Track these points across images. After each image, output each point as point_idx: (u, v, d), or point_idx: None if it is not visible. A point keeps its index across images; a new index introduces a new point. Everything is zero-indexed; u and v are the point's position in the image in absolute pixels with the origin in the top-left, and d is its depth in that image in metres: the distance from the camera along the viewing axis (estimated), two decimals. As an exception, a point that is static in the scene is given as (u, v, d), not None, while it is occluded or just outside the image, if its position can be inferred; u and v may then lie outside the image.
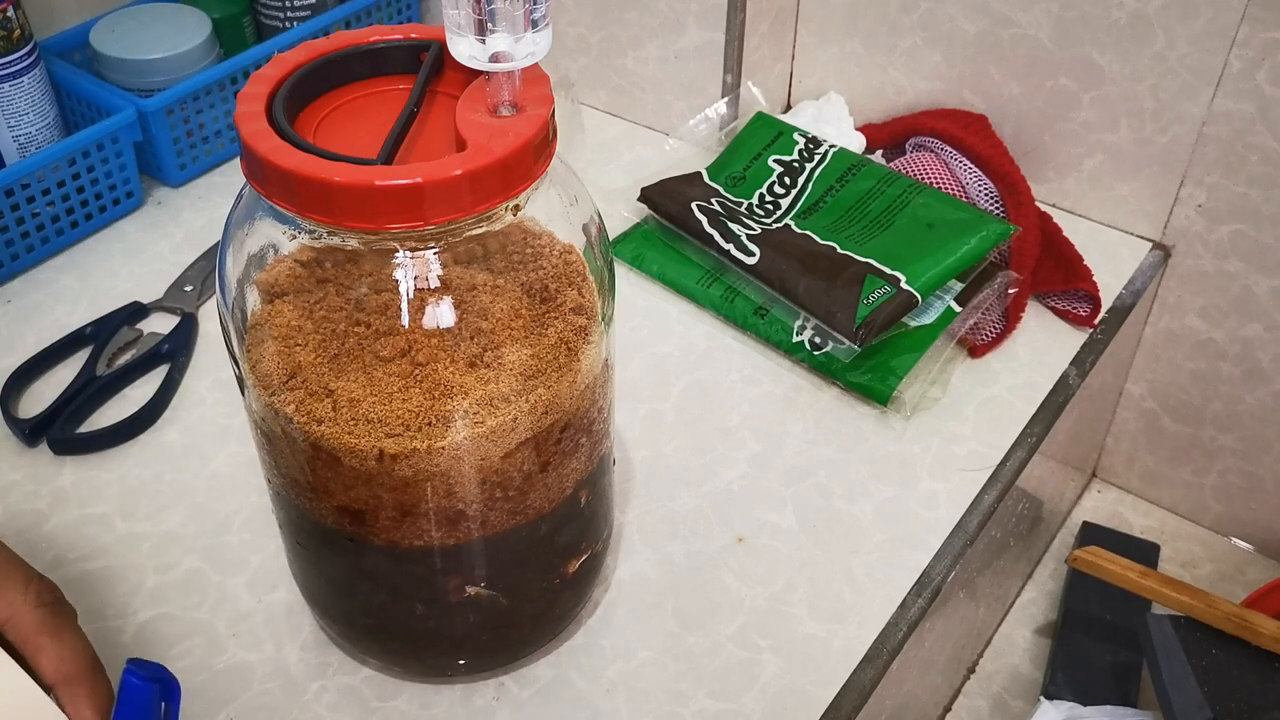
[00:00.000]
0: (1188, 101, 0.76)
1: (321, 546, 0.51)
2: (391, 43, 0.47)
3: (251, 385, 0.46)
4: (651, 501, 0.65)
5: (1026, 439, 0.69)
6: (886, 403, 0.69)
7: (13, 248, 0.79)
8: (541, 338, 0.46)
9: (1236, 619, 0.67)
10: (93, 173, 0.81)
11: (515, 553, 0.51)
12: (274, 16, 0.93)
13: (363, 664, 0.57)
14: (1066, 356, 0.74)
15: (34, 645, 0.42)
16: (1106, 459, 0.94)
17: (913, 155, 0.83)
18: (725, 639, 0.58)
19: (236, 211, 0.46)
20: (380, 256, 0.44)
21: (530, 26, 0.41)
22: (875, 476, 0.66)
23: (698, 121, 0.89)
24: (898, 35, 0.85)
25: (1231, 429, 0.86)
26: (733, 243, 0.75)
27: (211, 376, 0.72)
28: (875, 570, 0.62)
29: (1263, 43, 0.71)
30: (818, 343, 0.71)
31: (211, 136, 0.88)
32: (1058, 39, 0.78)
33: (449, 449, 0.45)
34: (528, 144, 0.41)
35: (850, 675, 0.57)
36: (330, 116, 0.45)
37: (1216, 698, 0.65)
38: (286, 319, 0.45)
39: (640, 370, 0.72)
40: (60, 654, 0.42)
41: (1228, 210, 0.78)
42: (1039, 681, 0.80)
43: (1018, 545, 0.79)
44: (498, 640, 0.55)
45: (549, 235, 0.48)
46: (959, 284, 0.74)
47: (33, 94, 0.80)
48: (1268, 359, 0.81)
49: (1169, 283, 0.83)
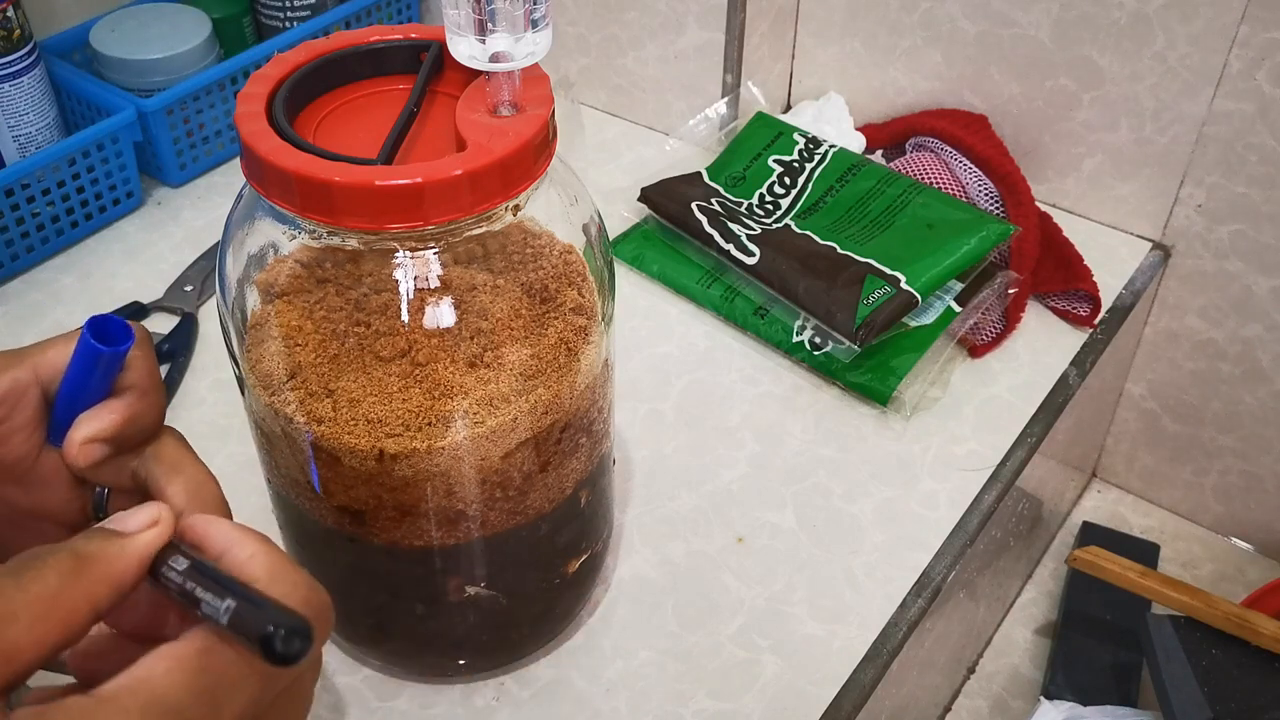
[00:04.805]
0: (1188, 101, 0.76)
1: (321, 546, 0.51)
2: (391, 43, 0.47)
3: (251, 385, 0.46)
4: (651, 501, 0.65)
5: (1026, 439, 0.69)
6: (886, 403, 0.69)
7: (13, 248, 0.79)
8: (541, 338, 0.46)
9: (1236, 619, 0.67)
10: (93, 173, 0.81)
11: (515, 553, 0.51)
12: (274, 16, 0.93)
13: (363, 664, 0.57)
14: (1066, 356, 0.74)
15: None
16: (1106, 459, 0.94)
17: (913, 155, 0.83)
18: (725, 639, 0.58)
19: (236, 211, 0.46)
20: (380, 256, 0.44)
21: (530, 26, 0.41)
22: (875, 476, 0.66)
23: (698, 121, 0.89)
24: (898, 35, 0.85)
25: (1231, 429, 0.86)
26: (733, 243, 0.75)
27: (211, 376, 0.72)
28: (875, 570, 0.62)
29: (1263, 43, 0.71)
30: (818, 343, 0.71)
31: (211, 136, 0.88)
32: (1058, 39, 0.78)
33: (449, 449, 0.45)
34: (528, 144, 0.41)
35: (850, 675, 0.57)
36: (330, 116, 0.45)
37: (1216, 698, 0.65)
38: (286, 319, 0.45)
39: (640, 370, 0.72)
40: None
41: (1228, 210, 0.78)
42: (1039, 681, 0.80)
43: (1018, 545, 0.79)
44: (498, 640, 0.55)
45: (549, 235, 0.48)
46: (959, 284, 0.74)
47: (33, 94, 0.80)
48: (1268, 359, 0.81)
49: (1169, 283, 0.83)
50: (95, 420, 0.38)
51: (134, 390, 0.39)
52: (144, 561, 0.31)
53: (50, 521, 0.42)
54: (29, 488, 0.41)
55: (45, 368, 0.39)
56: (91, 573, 0.30)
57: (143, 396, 0.39)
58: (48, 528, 0.42)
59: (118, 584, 0.31)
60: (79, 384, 0.39)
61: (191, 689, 0.29)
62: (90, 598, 0.30)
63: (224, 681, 0.29)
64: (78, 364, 0.38)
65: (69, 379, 0.39)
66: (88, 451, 0.38)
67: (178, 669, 0.29)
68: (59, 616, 0.29)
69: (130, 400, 0.39)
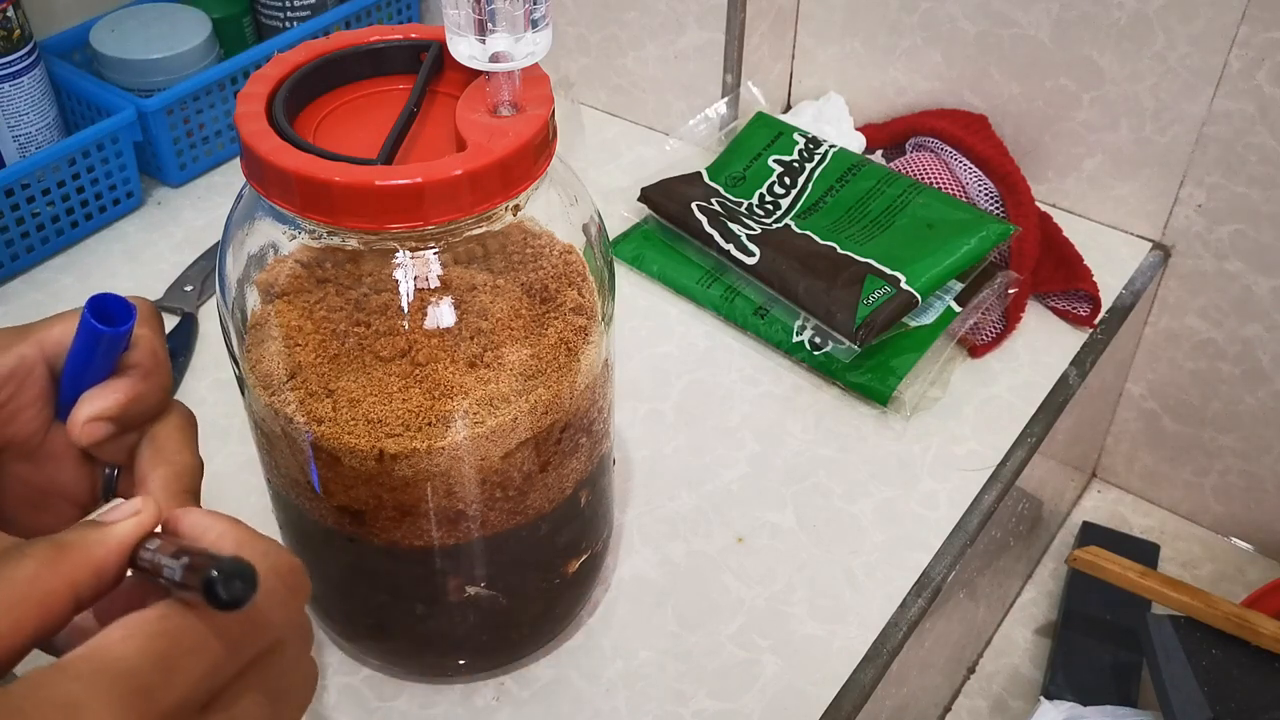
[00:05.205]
0: (1188, 101, 0.76)
1: (321, 546, 0.51)
2: (391, 43, 0.47)
3: (251, 385, 0.46)
4: (651, 501, 0.65)
5: (1026, 439, 0.69)
6: (886, 403, 0.69)
7: (13, 248, 0.79)
8: (541, 338, 0.46)
9: (1236, 619, 0.67)
10: (93, 173, 0.81)
11: (515, 553, 0.51)
12: (274, 16, 0.93)
13: (363, 664, 0.57)
14: (1066, 356, 0.74)
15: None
16: (1106, 459, 0.94)
17: (913, 155, 0.83)
18: (725, 639, 0.58)
19: (236, 211, 0.46)
20: (380, 256, 0.44)
21: (530, 26, 0.41)
22: (875, 476, 0.66)
23: (698, 121, 0.89)
24: (898, 35, 0.85)
25: (1231, 429, 0.86)
26: (733, 243, 0.75)
27: (211, 376, 0.72)
28: (875, 570, 0.62)
29: (1263, 43, 0.71)
30: (818, 343, 0.71)
31: (211, 136, 0.88)
32: (1058, 39, 0.78)
33: (449, 449, 0.45)
34: (528, 144, 0.41)
35: (850, 675, 0.57)
36: (330, 116, 0.45)
37: (1216, 698, 0.65)
38: (286, 319, 0.45)
39: (640, 370, 0.72)
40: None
41: (1228, 210, 0.78)
42: (1039, 681, 0.80)
43: (1018, 545, 0.79)
44: (498, 640, 0.55)
45: (549, 235, 0.48)
46: (959, 284, 0.74)
47: (33, 94, 0.80)
48: (1268, 359, 0.81)
49: (1169, 283, 0.83)
50: (98, 399, 0.38)
51: (138, 369, 0.39)
52: (124, 548, 0.32)
53: (63, 499, 0.42)
54: (40, 464, 0.41)
55: (51, 344, 0.40)
56: (70, 558, 0.31)
57: (146, 376, 0.39)
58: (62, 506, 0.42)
59: (97, 569, 0.31)
60: (82, 362, 0.39)
61: (146, 653, 0.29)
62: (69, 582, 0.30)
63: (179, 646, 0.29)
64: (80, 343, 0.39)
65: (72, 357, 0.39)
66: (90, 430, 0.38)
67: (134, 635, 0.29)
68: (37, 600, 0.29)
69: (134, 379, 0.39)
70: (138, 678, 0.28)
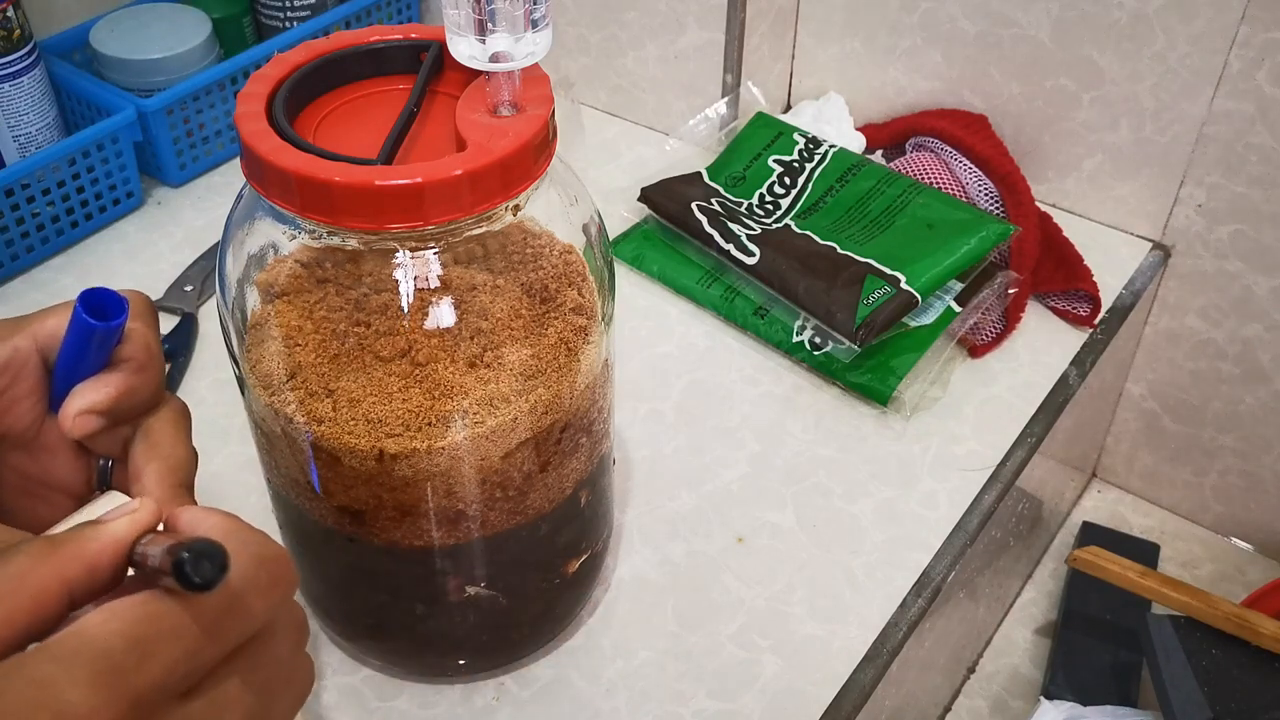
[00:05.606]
0: (1188, 101, 0.76)
1: (321, 546, 0.51)
2: (391, 43, 0.47)
3: (251, 385, 0.46)
4: (651, 501, 0.65)
5: (1026, 439, 0.69)
6: (886, 403, 0.69)
7: (13, 248, 0.79)
8: (541, 338, 0.46)
9: (1236, 619, 0.67)
10: (93, 173, 0.81)
11: (515, 553, 0.51)
12: (274, 16, 0.93)
13: (363, 664, 0.57)
14: (1066, 356, 0.74)
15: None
16: (1106, 459, 0.94)
17: (913, 155, 0.83)
18: (725, 639, 0.58)
19: (236, 211, 0.46)
20: (380, 256, 0.44)
21: (530, 26, 0.41)
22: (875, 476, 0.66)
23: (698, 121, 0.89)
24: (898, 35, 0.85)
25: (1231, 429, 0.86)
26: (733, 243, 0.75)
27: (211, 376, 0.72)
28: (875, 570, 0.62)
29: (1263, 43, 0.71)
30: (818, 343, 0.71)
31: (211, 136, 0.88)
32: (1058, 39, 0.78)
33: (449, 449, 0.45)
34: (528, 144, 0.41)
35: (850, 675, 0.57)
36: (330, 116, 0.45)
37: (1216, 698, 0.65)
38: (286, 319, 0.45)
39: (640, 370, 0.72)
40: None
41: (1228, 210, 0.78)
42: (1039, 681, 0.80)
43: (1018, 545, 0.79)
44: (498, 640, 0.55)
45: (549, 235, 0.48)
46: (959, 284, 0.74)
47: (33, 94, 0.80)
48: (1268, 359, 0.81)
49: (1169, 283, 0.83)
50: (90, 392, 0.39)
51: (131, 363, 0.39)
52: (119, 544, 0.32)
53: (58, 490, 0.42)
54: (35, 455, 0.41)
55: (45, 336, 0.40)
56: (63, 553, 0.31)
57: (139, 370, 0.39)
58: (58, 498, 0.42)
59: (90, 564, 0.31)
60: (74, 356, 0.39)
61: (124, 636, 0.29)
62: (61, 576, 0.30)
63: (156, 629, 0.29)
64: (72, 337, 0.39)
65: (65, 351, 0.39)
66: (82, 423, 0.39)
67: (113, 619, 0.29)
68: (28, 593, 0.30)
69: (126, 373, 0.39)
70: (112, 658, 0.29)
